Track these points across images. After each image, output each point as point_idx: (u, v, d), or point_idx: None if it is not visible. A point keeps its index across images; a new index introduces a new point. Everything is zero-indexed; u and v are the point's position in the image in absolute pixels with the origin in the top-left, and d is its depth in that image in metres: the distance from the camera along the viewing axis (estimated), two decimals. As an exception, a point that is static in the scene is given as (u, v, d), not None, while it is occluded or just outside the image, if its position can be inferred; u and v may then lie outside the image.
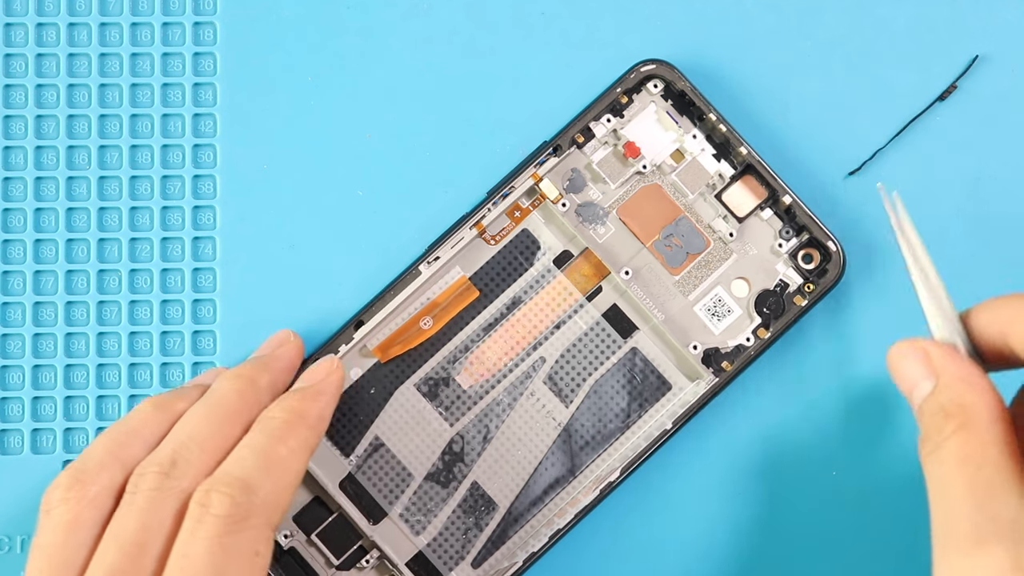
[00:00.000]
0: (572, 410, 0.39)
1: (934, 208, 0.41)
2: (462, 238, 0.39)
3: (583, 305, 0.40)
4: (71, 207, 0.40)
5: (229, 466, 0.34)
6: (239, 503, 0.33)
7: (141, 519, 0.33)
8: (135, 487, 0.33)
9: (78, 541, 0.33)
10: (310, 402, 0.36)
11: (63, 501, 0.33)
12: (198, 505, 0.33)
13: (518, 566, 0.38)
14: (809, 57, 0.41)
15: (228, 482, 0.33)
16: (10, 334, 0.40)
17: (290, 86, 0.41)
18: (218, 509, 0.33)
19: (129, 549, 0.32)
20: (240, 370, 0.37)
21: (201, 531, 0.32)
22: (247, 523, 0.33)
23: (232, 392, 0.36)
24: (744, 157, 0.39)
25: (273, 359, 0.38)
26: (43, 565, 0.33)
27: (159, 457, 0.34)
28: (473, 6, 0.41)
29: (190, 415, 0.35)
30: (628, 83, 0.40)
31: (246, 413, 0.36)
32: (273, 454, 0.34)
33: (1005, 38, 0.41)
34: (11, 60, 0.40)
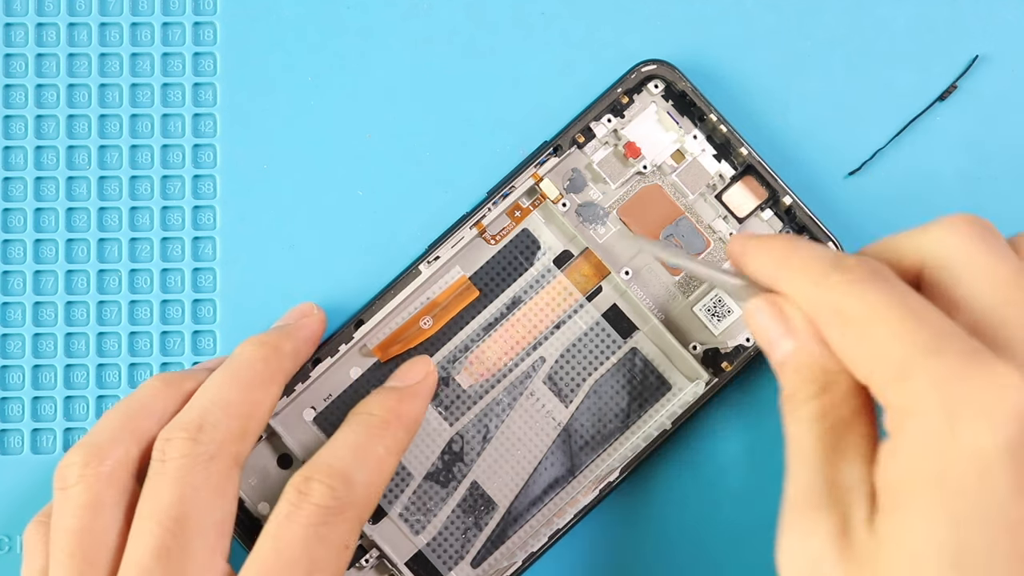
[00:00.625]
0: (572, 410, 0.39)
1: (934, 208, 0.41)
2: (462, 238, 0.39)
3: (583, 305, 0.40)
4: (71, 207, 0.40)
5: (328, 457, 0.34)
6: (338, 495, 0.33)
7: (176, 491, 0.33)
8: (163, 454, 0.33)
9: (105, 522, 0.33)
10: (407, 403, 0.37)
11: (81, 478, 0.33)
12: (296, 491, 0.33)
13: (517, 566, 0.38)
14: (809, 57, 0.41)
15: (329, 473, 0.34)
16: (10, 334, 0.40)
17: (290, 86, 0.41)
18: (318, 498, 0.33)
19: (169, 525, 0.32)
20: (264, 337, 0.36)
21: (299, 517, 0.33)
22: (343, 516, 0.33)
23: (257, 358, 0.36)
24: (744, 158, 0.39)
25: (297, 328, 0.37)
26: (73, 549, 0.33)
27: (184, 422, 0.34)
28: (473, 6, 0.41)
29: (213, 381, 0.35)
30: (629, 83, 0.40)
31: (270, 379, 0.36)
32: (371, 451, 0.35)
33: (1005, 38, 0.41)
34: (11, 60, 0.40)
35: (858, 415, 0.29)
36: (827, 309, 0.28)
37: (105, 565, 0.33)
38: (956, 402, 0.25)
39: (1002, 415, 0.25)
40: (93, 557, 0.33)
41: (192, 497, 0.33)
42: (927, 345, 0.26)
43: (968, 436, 0.25)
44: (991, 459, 0.25)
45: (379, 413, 0.36)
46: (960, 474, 0.25)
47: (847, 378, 0.29)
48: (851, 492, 0.28)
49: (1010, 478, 0.25)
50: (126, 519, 0.33)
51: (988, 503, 0.25)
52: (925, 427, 0.26)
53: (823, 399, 0.29)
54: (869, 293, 0.28)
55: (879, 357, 0.27)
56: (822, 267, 0.29)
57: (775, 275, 0.30)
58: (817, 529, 0.28)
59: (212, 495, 0.33)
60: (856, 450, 0.29)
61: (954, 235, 0.29)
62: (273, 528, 0.33)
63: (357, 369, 0.39)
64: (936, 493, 0.26)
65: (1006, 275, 0.28)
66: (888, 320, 0.27)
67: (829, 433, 0.29)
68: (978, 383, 0.26)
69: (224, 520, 0.33)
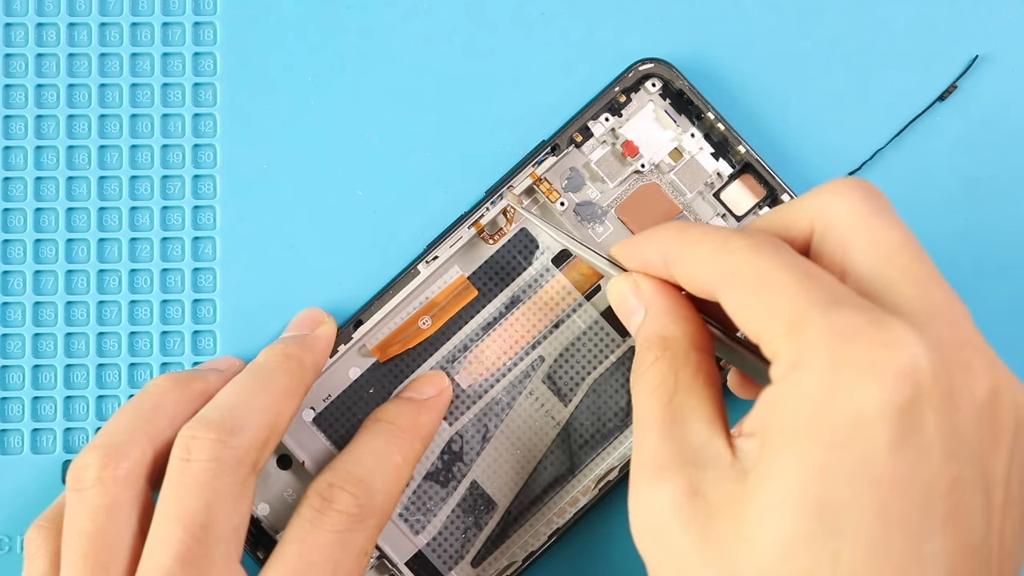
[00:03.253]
0: (571, 409, 0.39)
1: (933, 208, 0.41)
2: (460, 237, 0.39)
3: (582, 304, 0.40)
4: (71, 207, 0.40)
5: (351, 465, 0.35)
6: (362, 503, 0.34)
7: (203, 496, 0.32)
8: (187, 453, 0.33)
9: (120, 525, 0.33)
10: (426, 415, 0.38)
11: (99, 481, 0.33)
12: (320, 498, 0.34)
13: (517, 565, 0.38)
14: (809, 57, 0.41)
15: (354, 482, 0.34)
16: (10, 334, 0.40)
17: (290, 86, 0.41)
18: (342, 506, 0.34)
19: (195, 531, 0.32)
20: (290, 349, 0.37)
21: (324, 523, 0.33)
22: (365, 523, 0.34)
23: (284, 370, 0.36)
24: (742, 156, 0.39)
25: (315, 339, 0.38)
26: (87, 551, 0.33)
27: (214, 421, 0.34)
28: (473, 6, 0.41)
29: (241, 385, 0.35)
30: (626, 82, 0.40)
31: (295, 391, 0.36)
32: (391, 460, 0.36)
33: (1005, 38, 0.41)
34: (11, 60, 0.40)
35: (699, 379, 0.30)
36: (725, 272, 0.29)
37: (120, 568, 0.33)
38: (846, 356, 0.26)
39: (890, 373, 0.25)
40: (107, 560, 0.33)
41: (218, 503, 0.33)
42: (822, 301, 0.27)
43: (852, 391, 0.25)
44: (871, 415, 0.25)
45: (398, 422, 0.37)
46: (837, 426, 0.25)
47: (685, 343, 0.30)
48: (700, 452, 0.28)
49: (887, 436, 0.25)
50: (140, 522, 0.33)
51: (861, 458, 0.25)
52: (810, 379, 0.26)
53: (661, 364, 0.30)
54: (764, 257, 0.28)
55: (773, 311, 0.27)
56: (720, 236, 0.29)
57: (672, 253, 0.31)
58: (663, 493, 0.28)
59: (234, 501, 0.33)
60: (698, 413, 0.29)
61: (842, 202, 0.29)
62: (297, 532, 0.34)
63: (356, 369, 0.39)
64: (810, 442, 0.26)
65: (893, 239, 0.28)
66: (781, 279, 0.27)
67: (669, 398, 0.29)
68: (870, 339, 0.26)
69: (241, 526, 0.33)
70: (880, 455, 0.25)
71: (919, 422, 0.25)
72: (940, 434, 0.25)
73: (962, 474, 0.26)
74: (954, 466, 0.25)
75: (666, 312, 0.31)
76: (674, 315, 0.31)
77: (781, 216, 0.31)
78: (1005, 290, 0.40)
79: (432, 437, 0.38)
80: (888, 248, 0.28)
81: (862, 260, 0.28)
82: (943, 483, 0.25)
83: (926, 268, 0.28)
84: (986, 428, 0.26)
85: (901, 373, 0.25)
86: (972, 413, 0.26)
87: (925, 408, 0.25)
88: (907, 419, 0.25)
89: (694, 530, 0.27)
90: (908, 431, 0.25)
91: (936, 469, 0.25)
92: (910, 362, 0.25)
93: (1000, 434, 0.27)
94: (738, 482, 0.27)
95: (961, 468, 0.26)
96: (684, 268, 0.30)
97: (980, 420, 0.26)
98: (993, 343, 0.29)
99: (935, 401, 0.25)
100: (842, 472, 0.25)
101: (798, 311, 0.27)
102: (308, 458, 0.38)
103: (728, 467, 0.28)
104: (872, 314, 0.26)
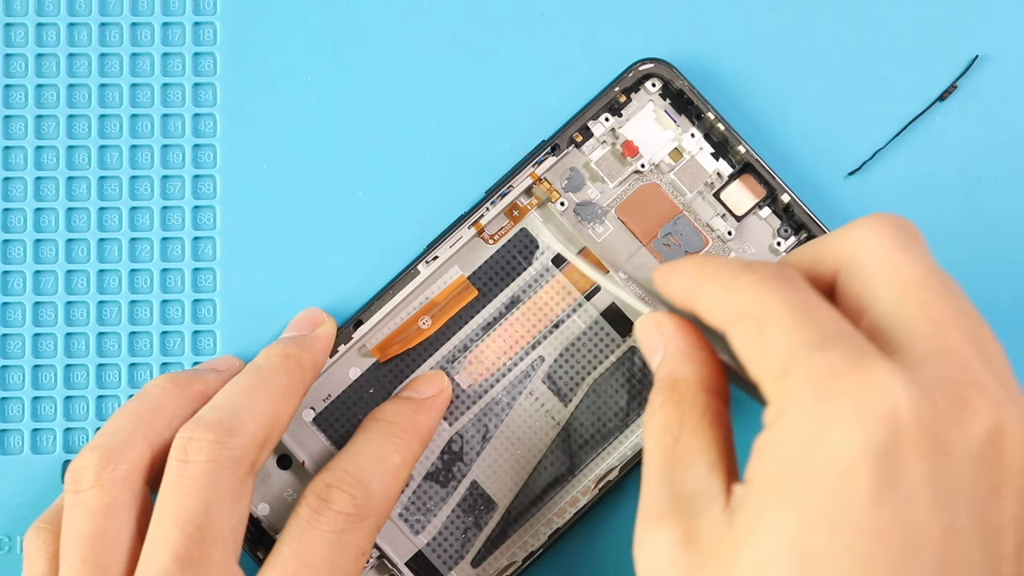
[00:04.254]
0: (571, 409, 0.39)
1: (934, 208, 0.41)
2: (460, 237, 0.39)
3: (582, 304, 0.40)
4: (71, 207, 0.40)
5: (348, 465, 0.35)
6: (359, 504, 0.34)
7: (201, 497, 0.32)
8: (185, 454, 0.33)
9: (118, 526, 0.33)
10: (424, 415, 0.37)
11: (97, 482, 0.33)
12: (318, 498, 0.34)
13: (517, 565, 0.38)
14: (809, 57, 0.41)
15: (351, 482, 0.34)
16: (10, 334, 0.40)
17: (290, 86, 0.41)
18: (340, 506, 0.34)
19: (192, 532, 0.32)
20: (288, 349, 0.37)
21: (321, 523, 0.33)
22: (363, 523, 0.34)
23: (284, 370, 0.36)
24: (742, 156, 0.39)
25: (315, 339, 0.38)
26: (86, 553, 0.33)
27: (211, 422, 0.33)
28: (473, 6, 0.41)
29: (239, 385, 0.35)
30: (626, 82, 0.40)
31: (294, 392, 0.36)
32: (389, 461, 0.36)
33: (1005, 38, 0.41)
34: (11, 60, 0.40)
35: (706, 422, 0.29)
36: (731, 310, 0.28)
37: (118, 569, 0.33)
38: (827, 402, 0.25)
39: (870, 418, 0.25)
40: (106, 561, 0.33)
41: (215, 504, 0.32)
42: (812, 343, 0.26)
43: (832, 437, 0.25)
44: (851, 463, 0.24)
45: (397, 422, 0.37)
46: (818, 475, 0.25)
47: (695, 384, 0.30)
48: (697, 498, 0.28)
49: (869, 484, 0.24)
50: (138, 523, 0.33)
51: (842, 508, 0.24)
52: (794, 425, 0.25)
53: (668, 406, 0.29)
54: (768, 293, 0.28)
55: (767, 353, 0.27)
56: (731, 272, 0.29)
57: (692, 288, 0.30)
58: (661, 540, 0.27)
59: (232, 502, 0.33)
60: (701, 456, 0.28)
61: (868, 236, 0.29)
62: (295, 532, 0.34)
63: (356, 369, 0.39)
64: (793, 492, 0.25)
65: (913, 275, 0.28)
66: (780, 318, 0.27)
67: (674, 441, 0.29)
68: (852, 384, 0.25)
69: (239, 526, 0.33)
70: (861, 504, 0.24)
71: (902, 469, 0.24)
72: (927, 481, 0.25)
73: (955, 522, 0.25)
74: (946, 513, 0.25)
75: (681, 352, 0.31)
76: (688, 356, 0.30)
77: (811, 251, 0.30)
78: (1005, 290, 0.40)
79: (431, 437, 0.38)
80: (908, 284, 0.27)
81: (881, 296, 0.28)
82: (934, 532, 0.24)
83: (947, 305, 0.27)
84: (986, 472, 0.25)
85: (880, 418, 0.25)
86: (967, 457, 0.25)
87: (908, 454, 0.25)
88: (888, 466, 0.24)
89: None
90: (890, 478, 0.24)
91: (924, 517, 0.24)
92: (889, 407, 0.25)
93: (1004, 478, 0.25)
94: (729, 530, 0.26)
95: (955, 516, 0.25)
96: (700, 306, 0.30)
97: (978, 464, 0.25)
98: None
99: (920, 446, 0.25)
100: (825, 523, 0.24)
101: (789, 353, 0.26)
102: (308, 458, 0.38)
103: (721, 512, 0.27)
104: (858, 357, 0.25)
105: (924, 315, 0.27)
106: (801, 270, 0.30)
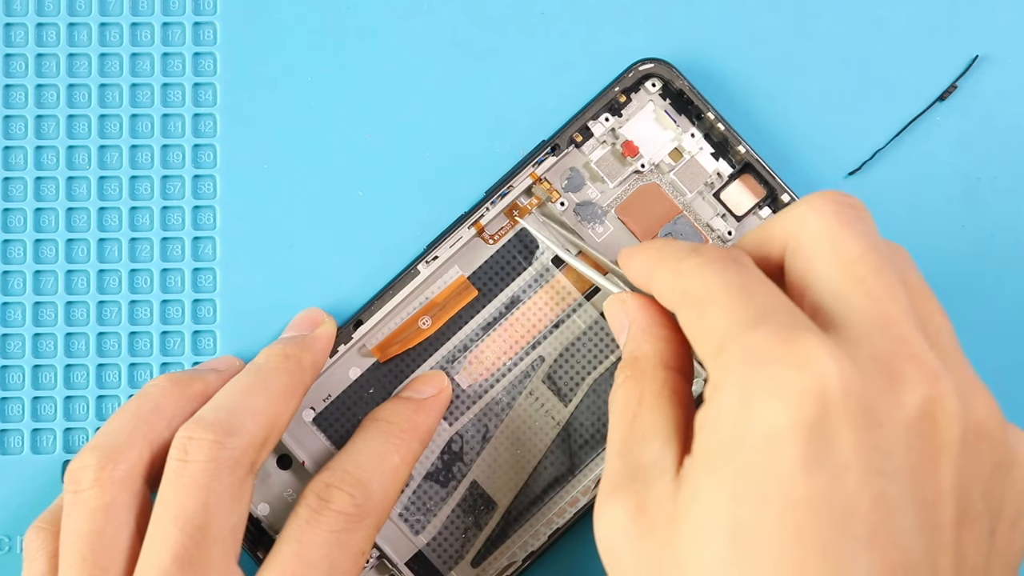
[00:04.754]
0: (571, 409, 0.39)
1: (934, 208, 0.41)
2: (460, 237, 0.39)
3: (581, 304, 0.40)
4: (71, 207, 0.40)
5: (348, 464, 0.35)
6: (359, 503, 0.34)
7: (201, 497, 0.32)
8: (185, 454, 0.33)
9: (117, 526, 0.33)
10: (424, 415, 0.37)
11: (96, 482, 0.33)
12: (317, 498, 0.34)
13: (517, 565, 0.38)
14: (809, 57, 0.41)
15: (351, 482, 0.34)
16: (10, 334, 0.40)
17: (290, 86, 0.41)
18: (339, 506, 0.34)
19: (192, 531, 0.32)
20: (288, 349, 0.37)
21: (321, 523, 0.34)
22: (362, 523, 0.34)
23: (283, 370, 0.36)
24: (742, 156, 0.39)
25: (315, 339, 0.38)
26: (85, 553, 0.33)
27: (211, 422, 0.33)
28: (473, 6, 0.41)
29: (239, 385, 0.35)
30: (626, 82, 0.40)
31: (293, 392, 0.36)
32: (389, 460, 0.36)
33: (1005, 38, 0.41)
34: (11, 60, 0.40)
35: (663, 397, 0.30)
36: (678, 292, 0.29)
37: (118, 569, 0.33)
38: (757, 377, 0.25)
39: (797, 393, 0.25)
40: (105, 561, 0.33)
41: (215, 504, 0.32)
42: (747, 321, 0.26)
43: (762, 411, 0.25)
44: (780, 435, 0.25)
45: (396, 421, 0.37)
46: (749, 448, 0.25)
47: (655, 360, 0.30)
48: (650, 470, 0.28)
49: (797, 455, 0.25)
50: (137, 523, 0.33)
51: (772, 480, 0.25)
52: (726, 400, 0.26)
53: (629, 383, 0.30)
54: (710, 274, 0.28)
55: (706, 333, 0.27)
56: (679, 255, 0.30)
57: (648, 272, 0.31)
58: (615, 511, 0.28)
59: (232, 502, 0.33)
60: (658, 430, 0.29)
61: (811, 215, 0.29)
62: (295, 532, 0.34)
63: (356, 369, 0.39)
64: (727, 465, 0.25)
65: (853, 251, 0.28)
66: (718, 298, 0.27)
67: (633, 416, 0.30)
68: (782, 357, 0.25)
69: (239, 525, 0.33)
70: (791, 476, 0.25)
71: (832, 440, 0.25)
72: (857, 451, 0.25)
73: (887, 491, 0.25)
74: (878, 483, 0.25)
75: (643, 330, 0.31)
76: (649, 334, 0.31)
77: (761, 232, 0.31)
78: (1005, 290, 0.40)
79: (431, 437, 0.38)
80: (848, 260, 0.28)
81: (821, 273, 0.28)
82: (863, 502, 0.25)
83: (884, 280, 0.27)
84: (920, 443, 0.26)
85: (807, 392, 0.25)
86: (900, 429, 0.25)
87: (838, 426, 0.25)
88: (818, 438, 0.25)
89: (637, 551, 0.27)
90: (820, 450, 0.25)
91: (854, 488, 0.25)
92: (817, 380, 0.25)
93: (939, 448, 0.26)
94: (675, 501, 0.27)
95: (887, 485, 0.25)
96: (654, 288, 0.31)
97: (911, 435, 0.25)
98: (992, 343, 0.29)
99: (849, 418, 0.25)
100: (756, 495, 0.25)
101: (725, 331, 0.27)
102: (308, 458, 0.38)
103: (670, 483, 0.27)
104: (789, 332, 0.26)
105: (861, 290, 0.27)
106: (752, 251, 0.30)
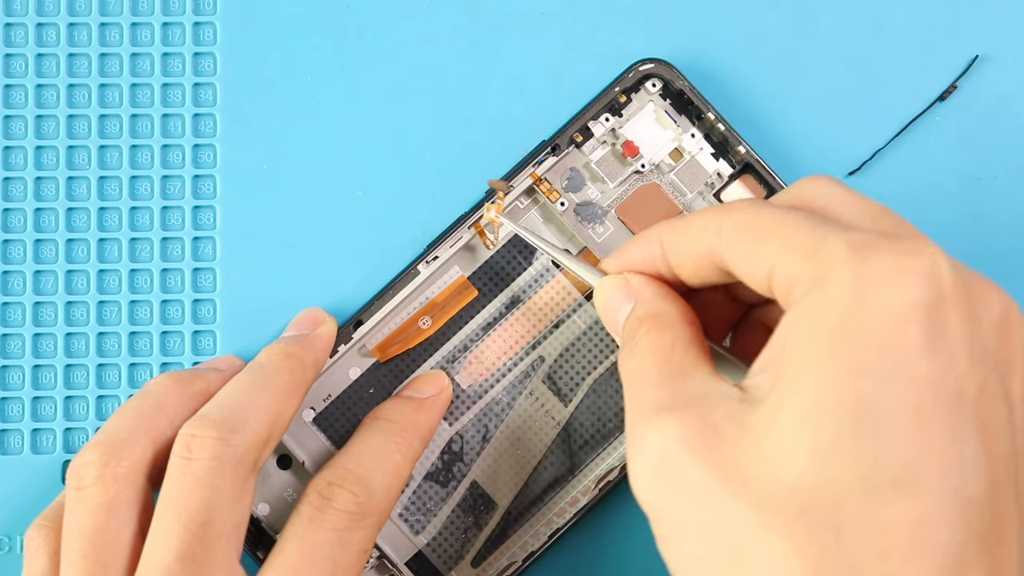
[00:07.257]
0: (571, 409, 0.39)
1: (934, 208, 0.41)
2: (460, 237, 0.39)
3: (582, 304, 0.40)
4: (71, 207, 0.40)
5: (350, 463, 0.35)
6: (361, 502, 0.34)
7: (204, 494, 0.32)
8: (188, 451, 0.33)
9: (119, 523, 0.33)
10: (425, 414, 0.38)
11: (99, 479, 0.33)
12: (320, 496, 0.34)
13: (517, 565, 0.38)
14: (809, 57, 0.41)
15: (353, 480, 0.34)
16: (10, 334, 0.40)
17: (290, 86, 0.41)
18: (342, 504, 0.34)
19: (195, 529, 0.32)
20: (290, 348, 0.37)
21: (323, 521, 0.34)
22: (365, 521, 0.34)
23: (286, 369, 0.36)
24: (742, 156, 0.39)
25: (315, 339, 0.38)
26: (87, 550, 0.33)
27: (215, 420, 0.34)
28: (473, 6, 0.41)
29: (241, 383, 0.35)
30: (626, 82, 0.40)
31: (295, 390, 0.36)
32: (390, 459, 0.36)
33: (1005, 38, 0.41)
34: (11, 60, 0.40)
35: (695, 346, 0.30)
36: (731, 228, 0.29)
37: (120, 567, 0.33)
38: (871, 264, 0.26)
39: (916, 276, 0.26)
40: (108, 558, 0.33)
41: (218, 501, 0.33)
42: (836, 227, 0.27)
43: (881, 295, 0.26)
44: (904, 316, 0.25)
45: (397, 420, 0.37)
46: (871, 328, 0.25)
47: (679, 317, 0.30)
48: (706, 398, 0.28)
49: (920, 335, 0.25)
50: (139, 520, 0.33)
51: (895, 358, 0.25)
52: (838, 287, 0.26)
53: (654, 332, 0.30)
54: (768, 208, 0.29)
55: (788, 244, 0.27)
56: (719, 207, 0.30)
57: (670, 237, 0.31)
58: (666, 430, 0.27)
59: (235, 499, 0.33)
60: (698, 368, 0.29)
61: (813, 183, 0.30)
62: (297, 530, 0.34)
63: (356, 369, 0.39)
64: (843, 347, 0.26)
65: (874, 206, 0.29)
66: (793, 219, 0.28)
67: (667, 355, 0.29)
68: (891, 248, 0.26)
69: (241, 523, 0.33)
70: (914, 355, 0.25)
71: (945, 325, 0.25)
72: (964, 339, 0.26)
73: (988, 382, 0.26)
74: (980, 373, 0.26)
75: (659, 295, 0.31)
76: (667, 297, 0.31)
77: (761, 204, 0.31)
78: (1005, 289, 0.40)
79: (431, 436, 0.38)
80: (871, 211, 0.29)
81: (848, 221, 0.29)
82: (971, 389, 0.25)
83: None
84: (1003, 345, 0.27)
85: (926, 274, 0.26)
86: (991, 328, 0.26)
87: (948, 311, 0.26)
88: (935, 320, 0.25)
89: (710, 462, 0.26)
90: (937, 332, 0.25)
91: (964, 374, 0.25)
92: (932, 266, 0.26)
93: (1014, 354, 0.27)
94: (753, 413, 0.27)
95: (987, 376, 0.26)
96: (686, 243, 0.31)
97: (998, 336, 0.26)
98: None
99: (958, 306, 0.26)
100: (878, 373, 0.25)
101: (815, 238, 0.27)
102: (308, 458, 0.39)
103: (739, 402, 0.27)
104: (890, 229, 0.27)
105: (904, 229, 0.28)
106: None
